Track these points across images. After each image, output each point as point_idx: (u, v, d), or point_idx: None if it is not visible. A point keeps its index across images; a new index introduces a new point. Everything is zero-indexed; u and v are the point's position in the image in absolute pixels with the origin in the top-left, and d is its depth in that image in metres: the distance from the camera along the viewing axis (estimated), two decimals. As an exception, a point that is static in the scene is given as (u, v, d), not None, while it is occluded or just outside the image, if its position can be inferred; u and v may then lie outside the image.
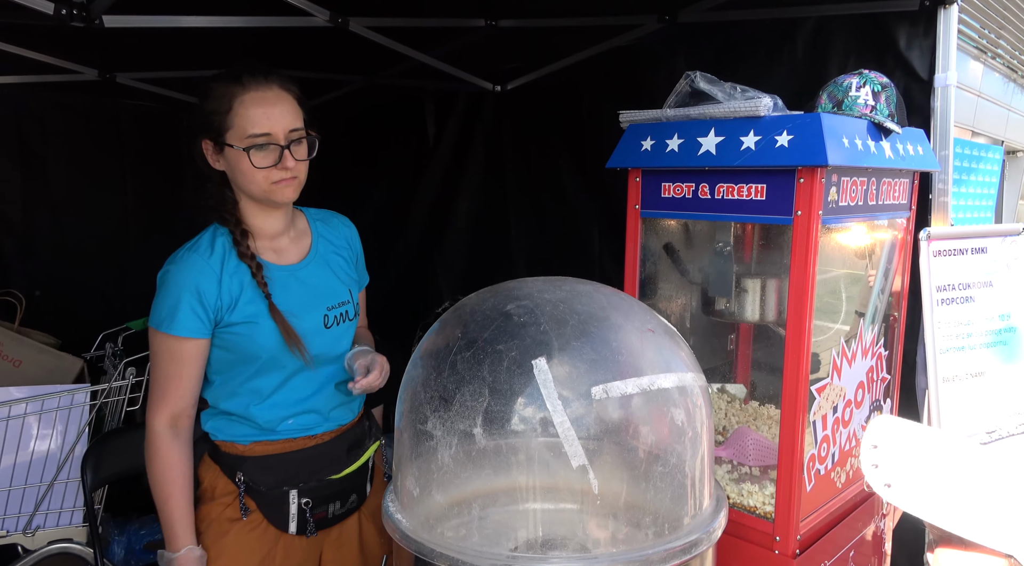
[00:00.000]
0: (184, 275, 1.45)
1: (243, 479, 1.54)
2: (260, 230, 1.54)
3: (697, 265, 1.86)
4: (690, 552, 1.21)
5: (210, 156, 1.49)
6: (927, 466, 0.72)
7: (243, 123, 1.42)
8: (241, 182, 1.47)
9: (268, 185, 1.46)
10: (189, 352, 1.47)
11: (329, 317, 1.59)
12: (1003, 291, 1.97)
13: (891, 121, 1.61)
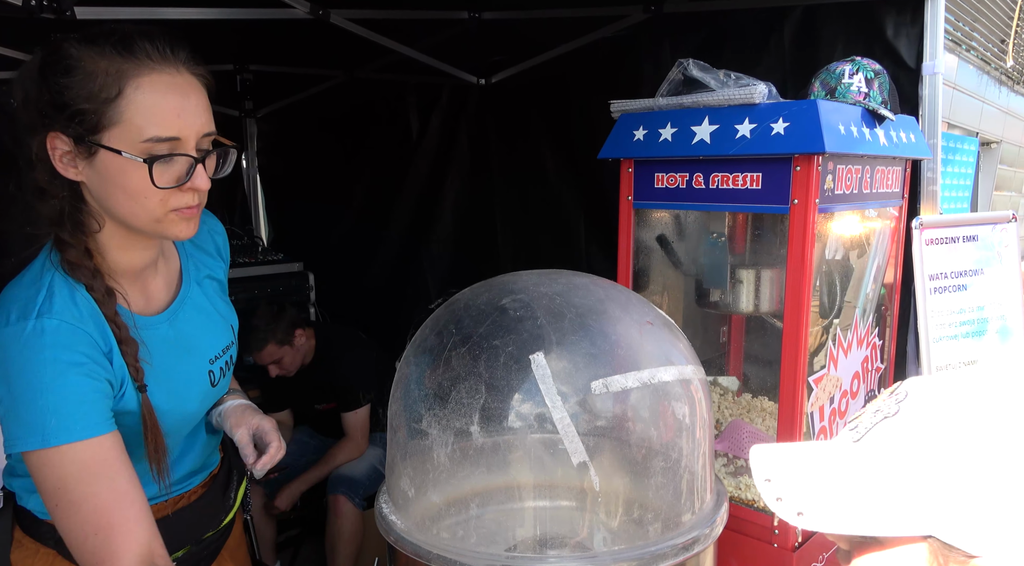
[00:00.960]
0: (58, 348, 0.94)
1: None
2: (123, 268, 1.05)
3: (691, 257, 1.84)
4: (692, 549, 1.19)
5: (61, 158, 0.96)
6: (825, 481, 0.71)
7: (139, 119, 0.94)
8: (120, 204, 0.97)
9: (164, 213, 0.98)
10: (115, 452, 0.97)
11: (215, 373, 1.20)
12: (994, 279, 1.97)
13: (884, 108, 1.60)
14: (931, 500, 0.65)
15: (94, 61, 0.94)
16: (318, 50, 3.08)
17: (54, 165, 0.97)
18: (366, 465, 2.92)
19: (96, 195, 0.99)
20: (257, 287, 3.50)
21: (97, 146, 0.94)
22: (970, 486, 0.63)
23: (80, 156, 0.96)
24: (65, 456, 0.94)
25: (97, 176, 0.97)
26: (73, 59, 0.94)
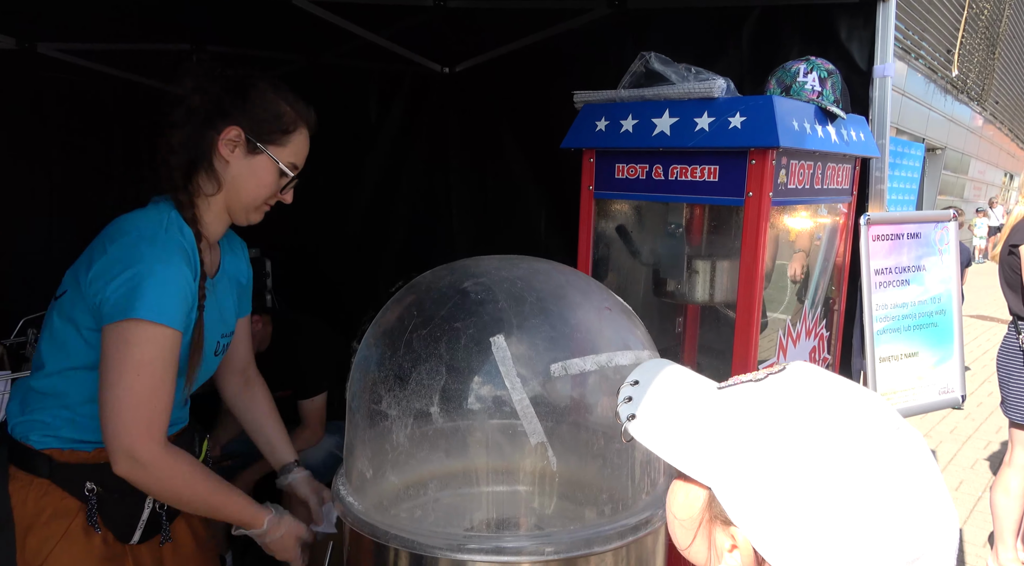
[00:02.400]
0: (173, 265, 1.26)
1: (95, 490, 1.33)
2: (207, 233, 1.40)
3: (649, 247, 1.87)
4: (644, 529, 1.22)
5: (228, 144, 1.33)
6: (670, 405, 0.74)
7: (294, 150, 1.40)
8: (243, 187, 1.37)
9: (258, 204, 1.41)
10: (176, 352, 1.26)
11: (220, 345, 1.47)
12: (935, 275, 2.06)
13: (837, 107, 1.66)
14: (724, 458, 0.67)
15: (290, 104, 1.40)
16: (279, 33, 3.02)
17: (218, 144, 1.33)
18: (323, 453, 2.90)
19: (233, 176, 1.37)
20: (212, 272, 3.44)
21: (263, 151, 1.36)
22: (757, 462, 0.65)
23: (241, 148, 1.35)
24: (158, 335, 1.23)
25: (247, 166, 1.36)
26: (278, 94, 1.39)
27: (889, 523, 0.62)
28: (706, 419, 0.71)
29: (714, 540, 0.71)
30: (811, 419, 0.66)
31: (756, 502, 0.65)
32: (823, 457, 0.64)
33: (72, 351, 1.32)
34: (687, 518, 0.73)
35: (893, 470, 0.63)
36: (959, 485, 4.07)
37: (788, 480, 0.64)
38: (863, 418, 0.66)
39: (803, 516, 0.63)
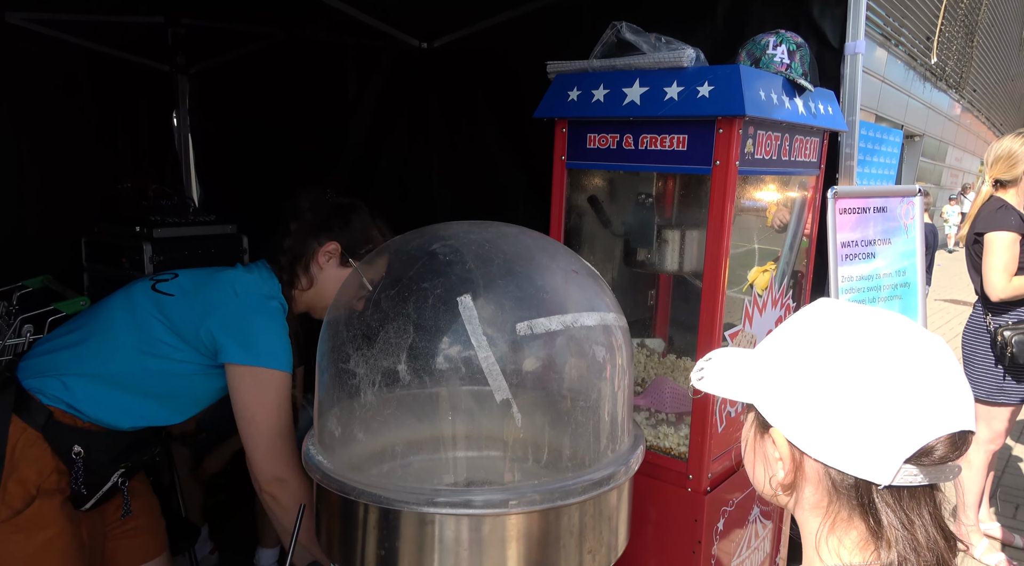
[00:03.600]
0: (280, 319, 1.55)
1: (81, 453, 1.48)
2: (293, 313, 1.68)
3: (620, 218, 1.90)
4: (607, 484, 1.25)
5: (325, 254, 1.64)
6: (729, 363, 0.87)
7: (375, 270, 1.60)
8: (329, 290, 1.64)
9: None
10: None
11: None
12: (901, 249, 2.11)
13: (805, 79, 1.68)
14: (760, 375, 0.79)
15: (376, 229, 1.70)
16: (256, 6, 3.00)
17: (317, 253, 1.65)
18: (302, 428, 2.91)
19: (323, 282, 1.66)
20: (188, 248, 3.41)
21: (350, 265, 1.63)
22: (784, 370, 0.77)
23: (335, 260, 1.66)
24: (279, 381, 1.51)
25: (336, 275, 1.66)
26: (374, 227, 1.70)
27: (898, 403, 0.70)
28: (749, 357, 0.84)
29: (765, 455, 0.82)
30: (829, 325, 0.77)
31: (785, 399, 0.76)
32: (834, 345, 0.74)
33: (150, 343, 1.51)
34: (746, 442, 0.86)
35: (899, 351, 0.72)
36: (926, 461, 4.16)
37: (809, 375, 0.74)
38: (880, 319, 0.76)
39: (821, 400, 0.73)
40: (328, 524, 1.31)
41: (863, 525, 0.73)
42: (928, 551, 0.70)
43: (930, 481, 0.71)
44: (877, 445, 0.69)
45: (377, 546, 1.23)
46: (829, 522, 0.75)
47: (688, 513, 1.66)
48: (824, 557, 0.75)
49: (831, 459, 0.72)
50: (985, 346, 2.92)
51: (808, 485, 0.77)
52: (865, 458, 0.70)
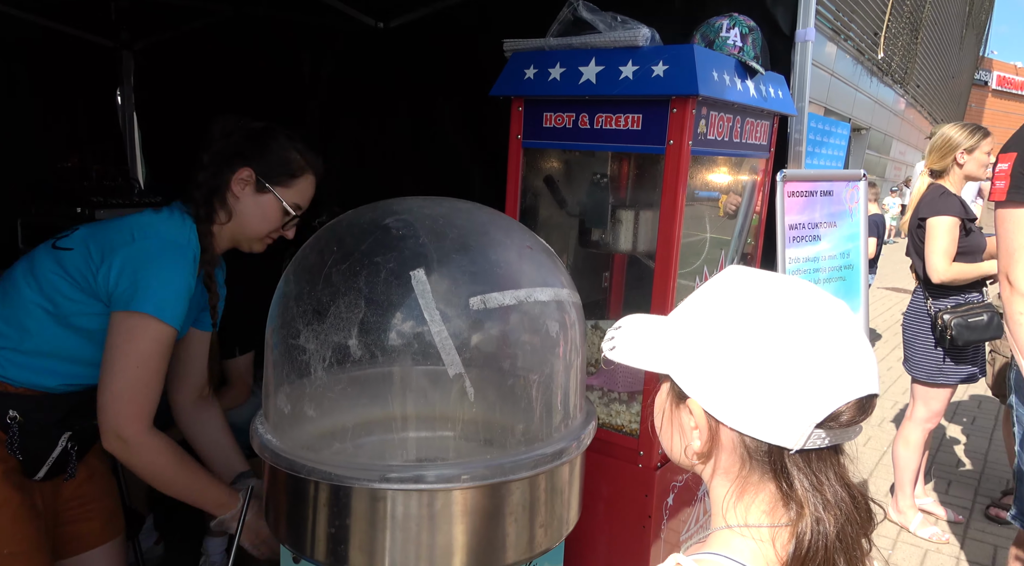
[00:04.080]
0: (182, 267, 1.45)
1: (17, 418, 1.45)
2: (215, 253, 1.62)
3: (576, 198, 1.90)
4: (559, 458, 1.26)
5: (240, 184, 1.55)
6: (641, 331, 0.86)
7: (299, 194, 1.60)
8: (251, 222, 1.58)
9: (261, 237, 1.61)
10: (171, 348, 1.45)
11: None
12: (845, 232, 2.17)
13: (756, 63, 1.71)
14: (674, 345, 0.79)
15: (300, 152, 1.59)
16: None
17: (231, 182, 1.54)
18: (250, 413, 2.85)
19: (241, 212, 1.57)
20: (132, 230, 3.31)
21: (270, 191, 1.57)
22: (697, 340, 0.77)
23: (250, 187, 1.56)
24: (155, 331, 1.39)
25: (253, 202, 1.57)
26: (290, 143, 1.59)
27: (809, 371, 0.72)
28: (663, 327, 0.83)
29: (680, 424, 0.82)
30: (739, 295, 0.78)
31: (701, 371, 0.76)
32: (748, 315, 0.75)
33: (54, 301, 1.45)
34: (660, 413, 0.86)
35: (809, 320, 0.73)
36: (867, 441, 4.32)
37: (720, 340, 0.75)
38: (788, 288, 0.77)
39: (736, 371, 0.74)
40: (277, 504, 1.29)
41: (774, 488, 0.76)
42: (836, 508, 0.73)
43: (835, 442, 0.74)
44: (790, 412, 0.72)
45: (328, 524, 1.21)
46: (739, 486, 0.77)
47: (639, 488, 1.69)
48: (729, 519, 0.77)
49: (747, 428, 0.74)
50: (926, 329, 3.03)
51: (723, 453, 0.78)
52: (778, 425, 0.72)
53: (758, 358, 0.72)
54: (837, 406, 0.71)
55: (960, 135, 2.92)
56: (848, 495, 0.74)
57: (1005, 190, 1.77)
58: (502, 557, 1.25)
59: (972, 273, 2.89)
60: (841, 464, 0.76)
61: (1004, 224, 1.82)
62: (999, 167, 1.80)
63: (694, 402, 0.77)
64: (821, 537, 0.71)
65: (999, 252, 1.85)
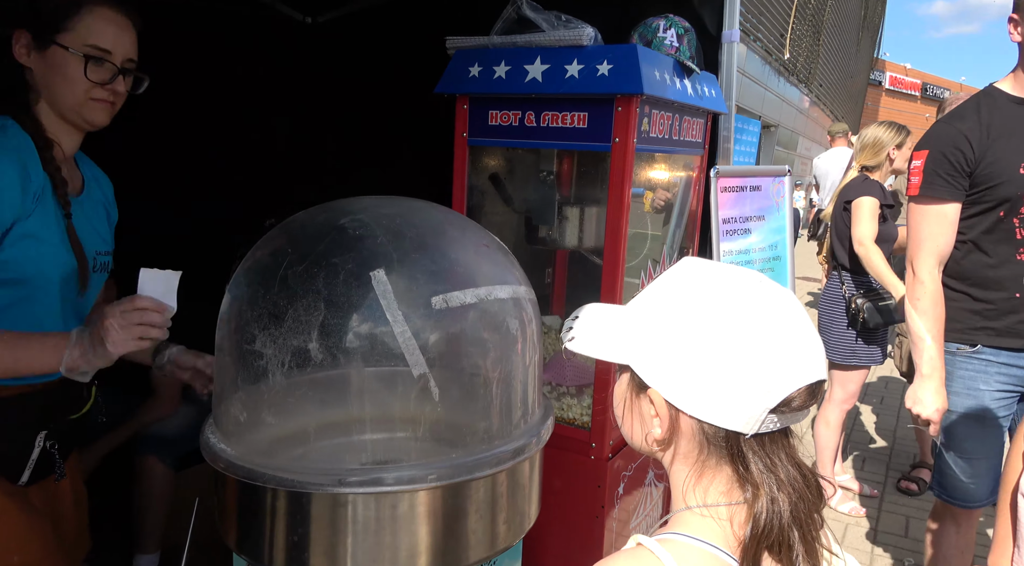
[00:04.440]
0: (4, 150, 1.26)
1: None
2: (60, 142, 1.40)
3: (522, 195, 1.92)
4: (521, 455, 1.28)
5: (21, 50, 1.34)
6: (599, 321, 0.88)
7: (89, 32, 1.34)
8: (58, 88, 1.35)
9: (85, 99, 1.36)
10: None
11: (98, 262, 1.48)
12: (773, 224, 2.27)
13: (692, 62, 1.77)
14: (635, 336, 0.81)
15: None
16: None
17: (17, 57, 1.34)
18: (178, 424, 2.74)
19: (40, 80, 1.36)
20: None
21: (50, 42, 1.33)
22: (657, 332, 0.79)
23: (34, 51, 1.34)
24: None
25: (45, 65, 1.35)
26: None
27: (764, 360, 0.75)
28: (621, 318, 0.85)
29: (641, 413, 0.83)
30: (696, 286, 0.80)
31: (662, 361, 0.78)
32: (705, 308, 0.77)
33: None
34: (621, 402, 0.87)
35: (762, 313, 0.77)
36: (789, 423, 4.55)
37: (680, 333, 0.77)
38: (742, 279, 0.80)
39: (696, 361, 0.76)
40: (232, 515, 1.25)
41: (730, 471, 0.80)
42: (789, 487, 0.78)
43: (785, 425, 0.79)
44: (746, 400, 0.75)
45: (288, 533, 1.19)
46: (697, 470, 0.81)
47: (592, 479, 1.73)
48: (689, 501, 0.81)
49: (705, 415, 0.77)
50: (841, 314, 3.22)
51: (683, 439, 0.81)
52: (735, 412, 0.76)
53: (716, 349, 0.75)
54: (789, 393, 0.75)
55: (889, 134, 3.15)
56: (799, 474, 0.79)
57: (918, 185, 1.90)
58: (466, 556, 1.25)
59: (878, 268, 3.10)
60: (791, 445, 0.81)
61: (914, 217, 1.95)
62: (913, 164, 1.93)
63: (655, 392, 0.79)
64: (776, 515, 0.75)
65: (908, 242, 1.98)
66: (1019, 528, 1.22)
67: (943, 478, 2.05)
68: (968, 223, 1.90)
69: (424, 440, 1.31)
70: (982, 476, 2.00)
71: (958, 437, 2.00)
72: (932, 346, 1.88)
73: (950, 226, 1.89)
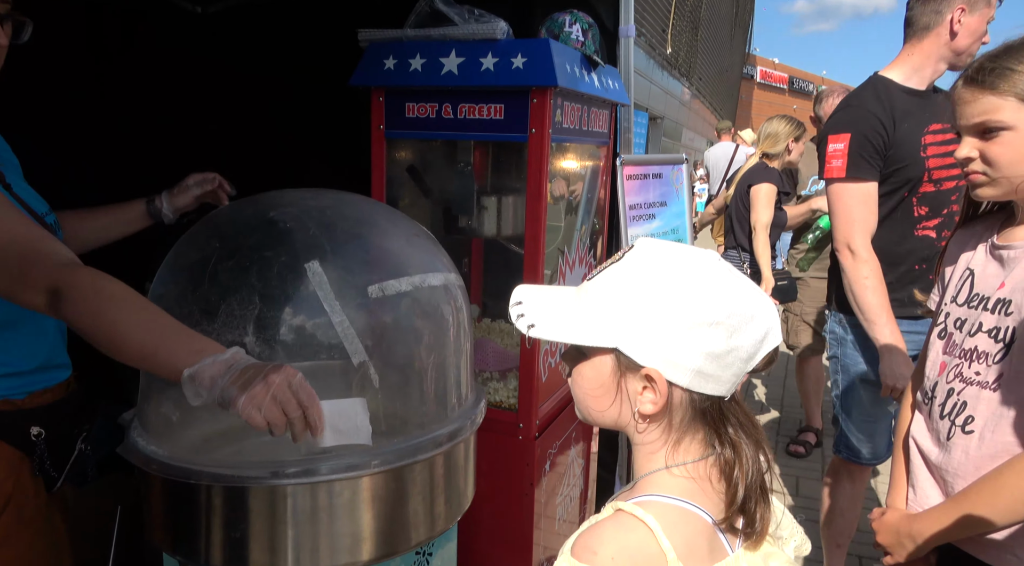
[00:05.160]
0: None
1: (42, 434, 1.30)
2: None
3: (440, 186, 1.95)
4: (457, 437, 1.32)
5: None
6: (557, 305, 0.90)
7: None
8: None
9: None
10: None
11: (46, 223, 1.37)
12: (674, 210, 2.42)
13: (597, 56, 1.86)
14: (619, 320, 0.83)
15: None
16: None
17: None
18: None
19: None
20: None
21: None
22: (646, 314, 0.82)
23: None
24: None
25: None
26: None
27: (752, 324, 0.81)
28: (590, 303, 0.85)
29: (627, 392, 0.85)
30: (672, 265, 0.83)
31: (655, 341, 0.81)
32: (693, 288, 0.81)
33: None
34: (599, 385, 0.87)
35: (739, 286, 0.83)
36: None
37: (670, 314, 0.80)
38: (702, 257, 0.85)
39: (690, 336, 0.80)
40: (165, 517, 1.22)
41: (703, 435, 0.86)
42: (748, 437, 0.86)
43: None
44: (737, 367, 0.82)
45: (227, 530, 1.17)
46: (676, 438, 0.86)
47: (521, 459, 1.79)
48: (668, 463, 0.86)
49: (699, 386, 0.83)
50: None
51: (672, 411, 0.85)
52: (727, 380, 0.83)
53: (711, 326, 0.80)
54: (762, 358, 0.83)
55: (788, 128, 3.45)
56: (751, 423, 0.87)
57: (843, 167, 1.99)
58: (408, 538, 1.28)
59: (761, 253, 3.35)
60: (740, 401, 0.89)
61: (842, 198, 2.01)
62: (832, 147, 2.03)
63: (653, 370, 0.82)
64: (755, 463, 0.84)
65: (837, 225, 2.05)
66: (912, 469, 1.39)
67: (844, 438, 2.25)
68: (878, 203, 2.02)
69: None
70: (880, 435, 2.20)
71: (860, 400, 2.18)
72: (889, 320, 1.95)
73: (874, 204, 1.99)
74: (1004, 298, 1.23)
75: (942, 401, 1.31)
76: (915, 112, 1.99)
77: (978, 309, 1.28)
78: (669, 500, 0.82)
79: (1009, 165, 1.21)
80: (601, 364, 0.86)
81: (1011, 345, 1.20)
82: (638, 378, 0.84)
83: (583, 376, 0.89)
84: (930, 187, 2.01)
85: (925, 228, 2.04)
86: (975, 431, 1.24)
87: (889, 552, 1.36)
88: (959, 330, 1.31)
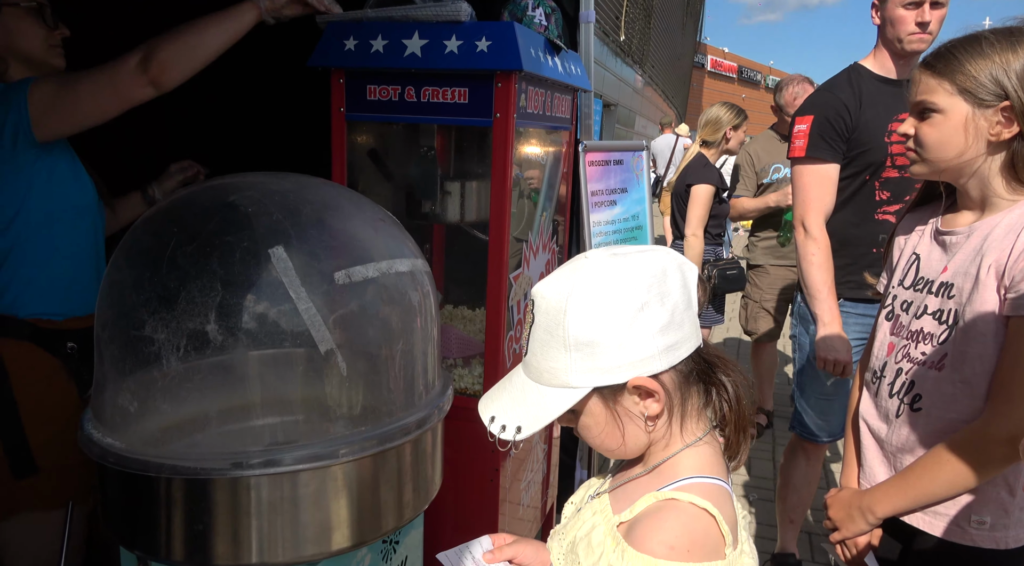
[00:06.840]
0: None
1: (75, 347, 1.65)
2: None
3: (403, 171, 1.92)
4: (425, 425, 1.31)
5: None
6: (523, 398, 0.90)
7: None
8: (16, 43, 1.59)
9: (42, 48, 1.64)
10: None
11: None
12: (634, 196, 2.44)
13: (560, 41, 1.85)
14: (576, 367, 0.84)
15: None
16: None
17: None
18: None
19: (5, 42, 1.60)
20: None
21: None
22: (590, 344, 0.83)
23: None
24: None
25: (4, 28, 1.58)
26: None
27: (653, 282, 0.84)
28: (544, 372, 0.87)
29: (628, 413, 0.87)
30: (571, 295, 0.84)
31: (612, 359, 0.82)
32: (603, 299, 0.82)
33: None
34: (604, 425, 0.89)
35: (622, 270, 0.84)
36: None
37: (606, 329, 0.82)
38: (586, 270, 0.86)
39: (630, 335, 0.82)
40: (123, 512, 1.18)
41: (698, 390, 0.89)
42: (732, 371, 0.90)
43: None
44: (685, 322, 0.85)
45: (188, 523, 1.14)
46: (682, 411, 0.88)
47: (486, 444, 1.79)
48: (687, 439, 0.89)
49: (675, 357, 0.85)
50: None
51: (670, 394, 0.87)
52: (686, 337, 0.86)
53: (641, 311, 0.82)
54: (698, 294, 0.88)
55: (728, 115, 3.46)
56: (726, 359, 0.92)
57: (804, 148, 2.07)
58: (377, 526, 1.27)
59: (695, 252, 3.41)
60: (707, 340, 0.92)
61: (802, 177, 2.09)
62: (797, 128, 2.11)
63: (638, 378, 0.83)
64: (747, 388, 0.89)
65: (795, 203, 2.13)
66: (861, 448, 1.44)
67: (799, 416, 2.32)
68: (839, 185, 2.09)
69: (334, 418, 1.30)
70: (834, 414, 2.28)
71: (815, 381, 2.25)
72: (830, 296, 2.03)
73: (832, 185, 2.07)
74: (947, 282, 1.28)
75: (891, 380, 1.36)
76: (886, 100, 2.06)
77: (923, 292, 1.33)
78: (706, 480, 0.85)
79: (934, 147, 1.26)
80: (592, 408, 0.88)
81: (954, 327, 1.25)
82: (628, 395, 0.86)
83: (587, 427, 0.91)
84: (894, 172, 2.08)
85: (886, 213, 2.11)
86: (923, 408, 1.29)
87: (838, 527, 1.41)
88: (905, 312, 1.36)
